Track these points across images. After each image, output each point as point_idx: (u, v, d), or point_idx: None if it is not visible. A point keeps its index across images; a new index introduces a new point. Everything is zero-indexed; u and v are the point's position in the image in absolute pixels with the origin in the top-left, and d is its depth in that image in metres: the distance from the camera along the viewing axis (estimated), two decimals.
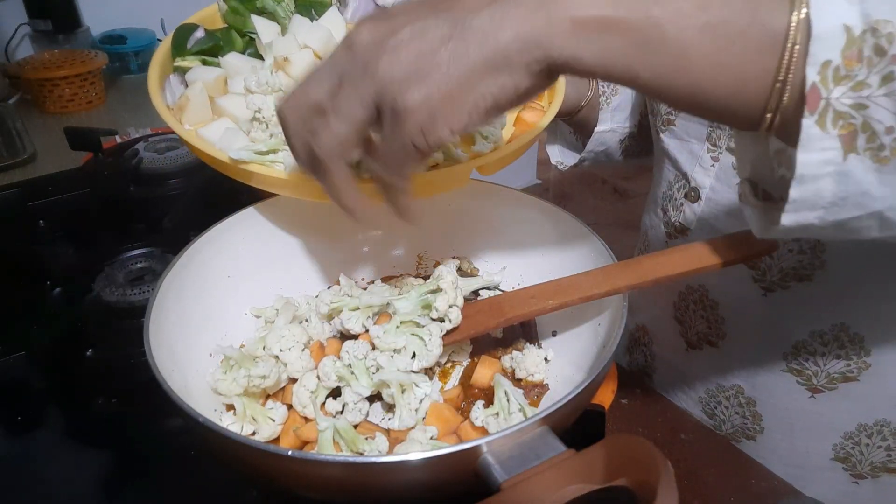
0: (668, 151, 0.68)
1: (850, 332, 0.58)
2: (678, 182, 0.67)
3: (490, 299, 0.55)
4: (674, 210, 0.68)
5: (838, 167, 0.32)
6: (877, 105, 0.31)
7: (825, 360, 0.60)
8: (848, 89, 0.31)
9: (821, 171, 0.32)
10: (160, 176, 0.93)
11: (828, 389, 0.61)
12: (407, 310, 0.51)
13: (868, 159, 0.32)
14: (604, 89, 0.75)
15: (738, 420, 0.68)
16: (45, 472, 0.56)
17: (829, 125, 0.31)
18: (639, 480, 0.33)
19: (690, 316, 0.69)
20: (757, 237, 0.39)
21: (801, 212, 0.34)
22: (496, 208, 0.63)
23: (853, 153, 0.32)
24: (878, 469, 0.63)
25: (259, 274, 0.60)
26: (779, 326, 0.62)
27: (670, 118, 0.67)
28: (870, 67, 0.31)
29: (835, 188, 0.33)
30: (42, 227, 0.87)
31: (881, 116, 0.31)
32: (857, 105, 0.31)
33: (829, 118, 0.31)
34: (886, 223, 0.34)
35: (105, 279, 0.73)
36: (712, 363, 0.68)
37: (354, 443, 0.45)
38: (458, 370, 0.55)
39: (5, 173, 1.08)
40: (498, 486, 0.36)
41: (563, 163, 0.83)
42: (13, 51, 1.53)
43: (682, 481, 0.56)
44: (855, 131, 0.31)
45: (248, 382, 0.48)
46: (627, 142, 0.79)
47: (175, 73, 0.62)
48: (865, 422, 0.62)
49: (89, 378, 0.65)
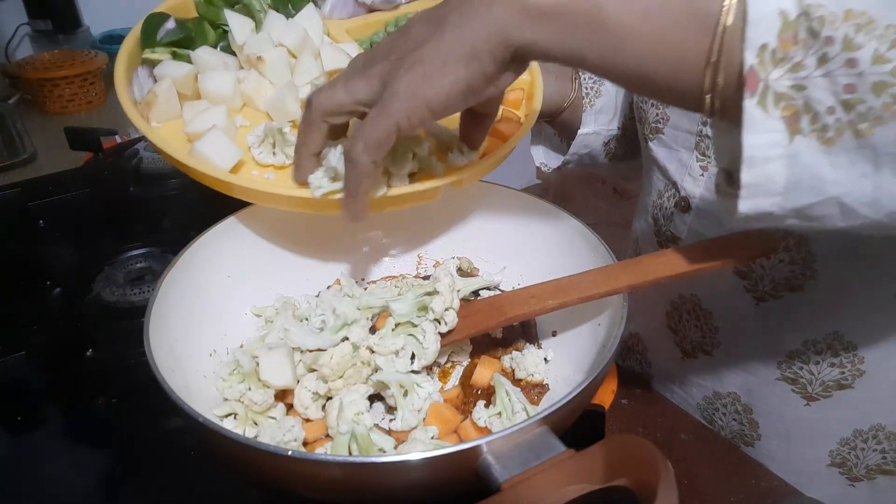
0: (656, 160, 0.68)
1: (844, 340, 0.58)
2: (668, 191, 0.67)
3: (490, 299, 0.55)
4: (664, 220, 0.68)
5: (786, 149, 0.33)
6: (815, 86, 0.32)
7: (819, 368, 0.60)
8: (786, 71, 0.32)
9: (769, 153, 0.33)
10: (160, 176, 0.93)
11: (823, 397, 0.61)
12: (403, 311, 0.51)
13: (815, 140, 0.33)
14: (587, 91, 0.75)
15: (735, 427, 0.68)
16: (45, 472, 0.56)
17: (770, 106, 0.32)
18: (639, 480, 0.33)
19: (684, 325, 0.69)
20: (727, 226, 0.40)
21: (756, 198, 0.35)
22: (496, 208, 0.63)
23: (799, 135, 0.33)
24: (874, 471, 0.63)
25: (259, 274, 0.60)
26: (772, 335, 0.62)
27: (658, 126, 0.67)
28: (806, 49, 0.32)
29: (786, 172, 0.33)
30: (42, 227, 0.87)
31: (821, 97, 0.32)
32: (797, 86, 0.32)
33: (769, 100, 0.32)
34: (847, 211, 0.35)
35: (105, 279, 0.73)
36: (708, 371, 0.68)
37: (367, 450, 0.45)
38: (458, 370, 0.55)
39: (5, 173, 1.09)
40: (498, 486, 0.36)
41: (546, 164, 0.83)
42: (13, 51, 1.53)
43: (682, 481, 0.56)
44: (797, 112, 0.32)
45: (240, 396, 0.49)
46: (612, 144, 0.79)
47: (143, 66, 0.60)
48: (861, 427, 0.62)
49: (89, 378, 0.65)
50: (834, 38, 0.31)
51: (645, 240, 0.73)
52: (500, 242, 0.63)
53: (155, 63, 0.60)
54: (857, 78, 0.31)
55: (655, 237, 0.70)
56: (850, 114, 0.32)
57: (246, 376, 0.49)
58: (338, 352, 0.48)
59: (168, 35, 0.61)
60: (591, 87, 0.75)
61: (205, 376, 0.51)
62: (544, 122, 0.80)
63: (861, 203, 0.34)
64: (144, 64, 0.61)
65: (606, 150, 0.80)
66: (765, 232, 0.49)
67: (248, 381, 0.49)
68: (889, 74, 0.31)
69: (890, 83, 0.31)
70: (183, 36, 0.61)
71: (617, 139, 0.79)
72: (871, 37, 0.31)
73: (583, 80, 0.75)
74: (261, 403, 0.48)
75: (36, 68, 1.31)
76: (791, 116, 0.32)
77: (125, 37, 0.62)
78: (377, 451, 0.45)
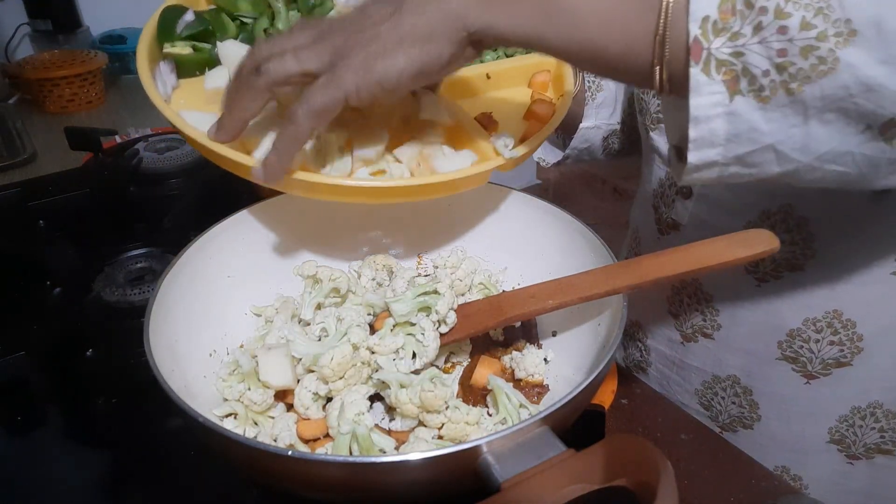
0: (658, 149, 0.69)
1: (843, 317, 0.60)
2: (669, 179, 0.68)
3: (490, 299, 0.55)
4: (665, 207, 0.69)
5: (727, 108, 0.37)
6: (752, 51, 0.36)
7: (819, 346, 0.61)
8: (726, 40, 0.36)
9: (712, 112, 0.37)
10: (160, 176, 0.93)
11: (822, 375, 0.63)
12: (402, 311, 0.51)
13: (752, 99, 0.36)
14: (589, 84, 0.76)
15: (734, 410, 0.69)
16: (45, 472, 0.56)
17: (713, 72, 0.36)
18: (639, 480, 0.33)
19: (685, 310, 0.70)
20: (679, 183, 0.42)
21: (702, 150, 0.38)
22: (496, 208, 0.63)
23: (738, 95, 0.36)
24: (872, 450, 0.64)
25: (259, 274, 0.60)
26: (773, 315, 0.63)
27: (660, 116, 0.68)
28: (742, 19, 0.35)
29: (727, 127, 0.37)
30: (42, 227, 0.87)
31: (757, 62, 0.36)
32: (735, 53, 0.36)
33: (712, 66, 0.36)
34: (781, 156, 0.38)
35: (105, 279, 0.73)
36: (708, 355, 0.69)
37: (368, 451, 0.45)
38: (458, 370, 0.55)
39: (5, 173, 1.09)
40: (498, 486, 0.36)
41: (545, 160, 0.84)
42: (13, 51, 1.53)
43: (682, 481, 0.56)
44: (737, 76, 0.36)
45: (240, 396, 0.49)
46: (611, 140, 0.80)
47: (165, 61, 0.59)
48: (859, 405, 0.63)
49: (89, 378, 0.65)
50: (767, 8, 0.35)
51: (645, 228, 0.74)
52: (500, 242, 0.64)
53: (177, 57, 0.58)
54: (787, 43, 0.35)
55: (656, 224, 0.71)
56: (782, 75, 0.35)
57: (245, 376, 0.49)
58: (338, 353, 0.48)
59: (187, 28, 0.59)
60: (593, 81, 0.76)
61: (205, 376, 0.51)
62: None
63: (793, 149, 0.38)
64: (165, 59, 0.59)
65: (605, 145, 0.80)
66: (766, 231, 0.49)
67: (248, 381, 0.49)
68: (815, 39, 0.34)
69: (815, 46, 0.35)
70: (202, 29, 0.60)
71: (615, 134, 0.80)
72: (799, 6, 0.34)
73: (585, 74, 0.76)
74: (260, 403, 0.48)
75: (36, 68, 1.31)
76: (731, 80, 0.36)
77: (125, 37, 0.61)
78: (378, 451, 0.45)
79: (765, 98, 0.36)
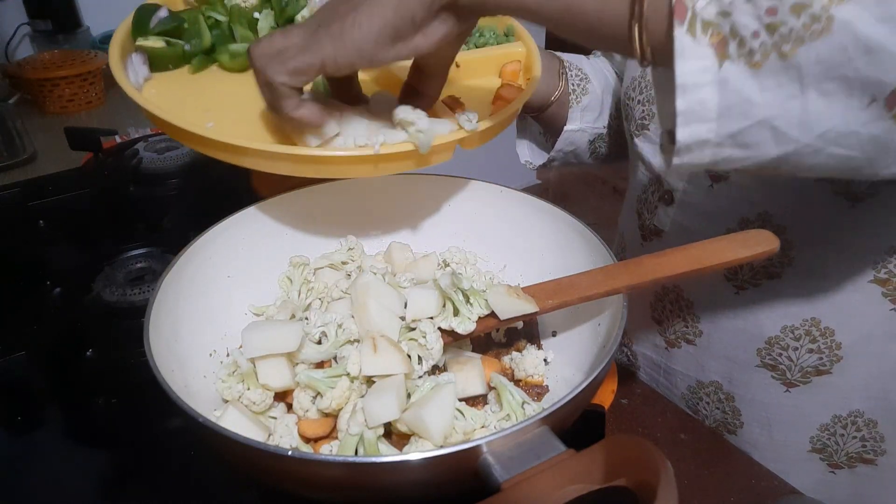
0: (642, 155, 0.69)
1: (822, 325, 0.60)
2: (652, 185, 0.68)
3: None
4: (648, 213, 0.69)
5: (716, 75, 0.34)
6: (739, 11, 0.33)
7: (798, 354, 0.61)
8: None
9: (700, 79, 0.34)
10: (160, 176, 0.93)
11: (802, 383, 0.63)
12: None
13: (743, 65, 0.34)
14: (573, 88, 0.76)
15: (719, 415, 0.70)
16: (45, 472, 0.56)
17: (699, 33, 0.33)
18: (639, 480, 0.33)
19: (668, 316, 0.70)
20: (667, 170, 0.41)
21: (691, 124, 0.35)
22: (496, 208, 0.63)
23: (727, 60, 0.34)
24: (854, 459, 0.64)
25: (259, 274, 0.60)
26: (751, 323, 0.63)
27: (644, 122, 0.68)
28: None
29: (717, 97, 0.34)
30: (42, 227, 0.87)
31: (745, 21, 0.33)
32: (722, 13, 0.33)
33: (698, 27, 0.33)
34: (779, 134, 0.35)
35: (105, 279, 0.73)
36: (691, 361, 0.70)
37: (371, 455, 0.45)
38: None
39: (5, 173, 1.08)
40: (498, 486, 0.36)
41: (531, 162, 0.84)
42: (13, 51, 1.53)
43: (682, 481, 0.56)
44: (725, 38, 0.33)
45: (240, 397, 0.49)
46: (597, 144, 0.80)
47: (137, 53, 0.61)
48: (840, 413, 0.63)
49: (89, 378, 0.65)
50: None
51: (629, 233, 0.74)
52: (500, 242, 0.64)
53: (148, 49, 0.60)
54: (777, 1, 0.32)
55: (639, 231, 0.71)
56: (773, 36, 0.33)
57: (245, 377, 0.49)
58: (336, 393, 0.47)
59: (161, 24, 0.62)
60: (578, 85, 0.76)
61: (205, 376, 0.51)
62: (531, 117, 0.81)
63: (791, 125, 0.35)
64: (137, 51, 0.61)
65: (591, 149, 0.81)
66: (766, 231, 0.49)
67: (248, 382, 0.49)
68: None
69: (807, 4, 0.32)
70: (176, 25, 0.62)
71: (602, 139, 0.80)
72: None
73: (570, 77, 0.76)
74: (260, 403, 0.48)
75: (36, 68, 1.31)
76: (719, 43, 0.33)
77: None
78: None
79: (756, 63, 0.33)
